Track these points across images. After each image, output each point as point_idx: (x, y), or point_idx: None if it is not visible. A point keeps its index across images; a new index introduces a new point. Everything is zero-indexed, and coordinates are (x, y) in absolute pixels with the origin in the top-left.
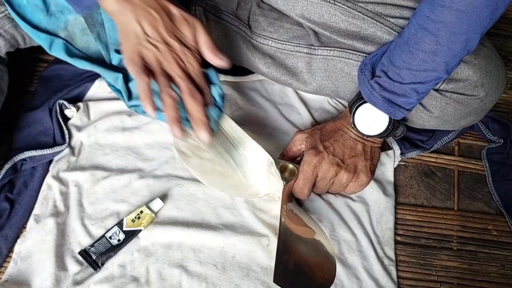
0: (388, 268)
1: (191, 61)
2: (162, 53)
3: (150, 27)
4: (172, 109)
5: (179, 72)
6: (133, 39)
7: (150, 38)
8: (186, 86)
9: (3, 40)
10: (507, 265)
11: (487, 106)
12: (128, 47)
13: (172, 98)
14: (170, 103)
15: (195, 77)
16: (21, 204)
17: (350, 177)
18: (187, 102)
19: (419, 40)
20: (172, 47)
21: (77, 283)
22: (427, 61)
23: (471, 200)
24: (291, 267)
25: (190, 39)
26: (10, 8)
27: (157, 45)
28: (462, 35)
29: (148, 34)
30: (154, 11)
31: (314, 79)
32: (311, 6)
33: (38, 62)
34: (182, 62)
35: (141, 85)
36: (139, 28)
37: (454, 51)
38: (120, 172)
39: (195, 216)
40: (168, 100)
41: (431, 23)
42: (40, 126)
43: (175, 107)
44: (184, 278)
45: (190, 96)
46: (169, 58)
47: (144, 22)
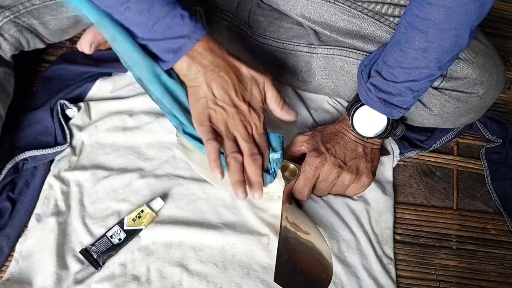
0: (387, 267)
1: (256, 121)
2: (230, 115)
3: (220, 90)
4: (237, 173)
5: (244, 135)
6: (202, 101)
7: (218, 100)
8: (249, 148)
9: (8, 44)
10: (506, 264)
11: (486, 104)
12: (197, 108)
13: (238, 162)
14: (236, 167)
15: (258, 139)
16: (22, 204)
17: (353, 179)
18: (247, 164)
19: (409, 38)
20: (240, 109)
21: (78, 282)
22: (418, 58)
23: (470, 200)
24: (291, 266)
25: (258, 99)
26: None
27: (225, 107)
28: (451, 31)
29: (217, 97)
30: (223, 72)
31: (314, 78)
32: (311, 6)
33: (39, 62)
34: (248, 124)
35: (210, 151)
36: (207, 89)
37: (444, 47)
38: (121, 171)
39: (196, 215)
40: (234, 164)
41: (420, 21)
42: (42, 126)
43: (240, 171)
44: (185, 277)
45: (252, 159)
46: (237, 121)
47: (215, 85)
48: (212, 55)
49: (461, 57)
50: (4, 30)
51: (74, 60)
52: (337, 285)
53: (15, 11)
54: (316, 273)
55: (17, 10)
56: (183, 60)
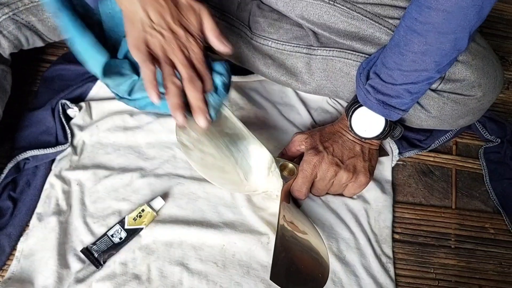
0: (386, 266)
1: (194, 48)
2: (167, 40)
3: (156, 14)
4: (176, 96)
5: (182, 59)
6: (138, 26)
7: (155, 25)
8: (187, 73)
9: (7, 41)
10: (504, 263)
11: (484, 106)
12: (134, 34)
13: (176, 86)
14: (173, 90)
15: (197, 63)
16: (24, 203)
17: (350, 177)
18: (186, 88)
19: (409, 41)
20: (177, 34)
21: (79, 280)
22: (417, 61)
23: (469, 199)
24: (287, 265)
25: (195, 26)
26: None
27: (162, 32)
28: (451, 35)
29: (153, 21)
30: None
31: (313, 79)
32: (311, 7)
33: (40, 62)
34: (185, 49)
35: (146, 73)
36: (145, 15)
37: (443, 50)
38: (122, 171)
39: (196, 215)
40: (171, 87)
41: (419, 24)
42: (43, 126)
43: (178, 94)
44: (185, 275)
45: (190, 82)
46: (174, 45)
47: (150, 9)
48: None
49: (459, 60)
50: (2, 27)
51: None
52: (336, 284)
53: (13, 8)
54: (312, 272)
55: (16, 7)
56: None
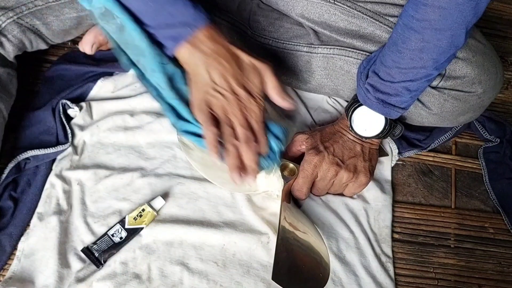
0: (385, 265)
1: (255, 109)
2: (228, 101)
3: (219, 76)
4: (234, 158)
5: (241, 120)
6: (202, 87)
7: (218, 87)
8: (244, 133)
9: (11, 45)
10: (504, 262)
11: (484, 103)
12: (197, 95)
13: (235, 147)
14: (233, 152)
15: (255, 125)
16: (24, 203)
17: (350, 177)
18: (242, 148)
19: (406, 39)
20: (238, 95)
21: (80, 280)
22: (415, 59)
23: (468, 198)
24: (289, 265)
25: (257, 87)
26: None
27: (224, 93)
28: (447, 31)
29: (216, 83)
30: (223, 60)
31: (314, 77)
32: (311, 6)
33: (41, 62)
34: (246, 110)
35: (208, 135)
36: (208, 77)
37: (441, 47)
38: (122, 170)
39: (196, 214)
40: (231, 150)
41: (416, 21)
42: (44, 126)
43: (237, 156)
44: (186, 275)
45: (246, 144)
46: (234, 107)
47: (213, 71)
48: (213, 43)
49: (460, 57)
50: (7, 30)
51: (75, 60)
52: (336, 283)
53: (18, 12)
54: (313, 272)
55: (20, 11)
56: (185, 47)
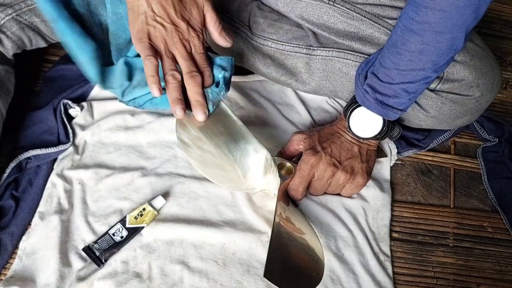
0: (384, 264)
1: (196, 41)
2: (169, 32)
3: (159, 6)
4: (176, 90)
5: (182, 52)
6: (142, 18)
7: (158, 17)
8: (187, 66)
9: (10, 42)
10: (502, 261)
11: (482, 106)
12: (137, 25)
13: (176, 80)
14: (174, 84)
15: (198, 57)
16: (26, 202)
17: (347, 178)
18: (186, 82)
19: (406, 41)
20: (178, 27)
21: (81, 279)
22: (414, 60)
23: (467, 198)
24: (282, 263)
25: (198, 20)
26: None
27: (164, 24)
28: (447, 34)
29: (156, 13)
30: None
31: (313, 79)
32: (311, 8)
33: (42, 62)
34: (187, 42)
35: (148, 66)
36: (148, 7)
37: (440, 50)
38: (123, 170)
39: (196, 213)
40: (172, 81)
41: (416, 24)
42: (45, 125)
43: (178, 88)
44: (186, 274)
45: (190, 76)
46: (175, 38)
47: (154, 1)
48: None
49: (458, 60)
50: (6, 27)
51: None
52: (334, 282)
53: (17, 9)
54: (307, 270)
55: (19, 8)
56: None
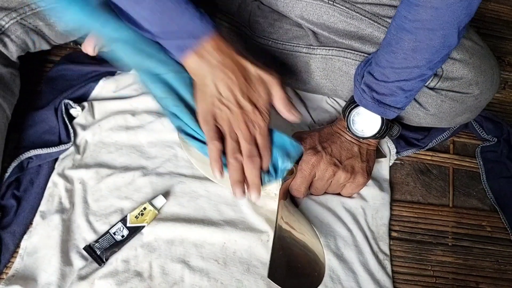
0: (383, 263)
1: (261, 123)
2: (234, 115)
3: (225, 88)
4: (237, 173)
5: (246, 135)
6: (208, 98)
7: (224, 99)
8: (248, 149)
9: (14, 45)
10: (501, 260)
11: (481, 104)
12: (203, 106)
13: (238, 163)
14: (235, 167)
15: (260, 140)
16: (27, 201)
17: (348, 177)
18: (245, 163)
19: (399, 39)
20: (244, 109)
21: (82, 278)
22: (408, 58)
23: (466, 197)
24: (284, 263)
25: (264, 99)
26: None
27: (230, 106)
28: (439, 31)
29: (222, 95)
30: (230, 72)
31: (313, 78)
32: (310, 7)
33: (44, 63)
34: (251, 123)
35: (212, 150)
36: (214, 88)
37: (433, 47)
38: (124, 169)
39: (197, 213)
40: (233, 164)
41: (408, 22)
42: (46, 125)
43: (239, 171)
44: (186, 273)
45: (249, 159)
46: (240, 121)
47: (220, 83)
48: (220, 54)
49: (457, 58)
50: (10, 31)
51: (78, 60)
52: (334, 281)
53: (21, 13)
54: (309, 270)
55: (23, 12)
56: (192, 58)
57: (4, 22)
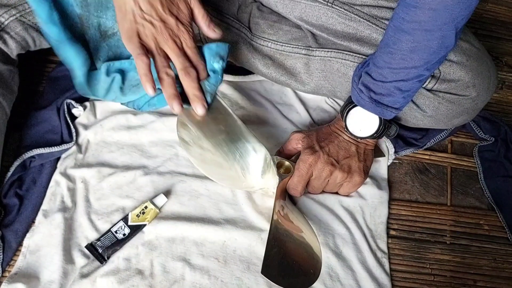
0: (381, 261)
1: (186, 36)
2: (158, 30)
3: (146, 3)
4: (171, 86)
5: (174, 49)
6: (130, 17)
7: (146, 15)
8: (180, 62)
9: (14, 42)
10: (499, 258)
11: (478, 106)
12: (126, 25)
13: (170, 76)
14: (168, 81)
15: (190, 52)
16: (30, 200)
17: (345, 177)
18: (181, 78)
19: (397, 40)
20: (167, 23)
21: (84, 275)
22: (405, 59)
23: (464, 196)
24: (279, 260)
25: (186, 14)
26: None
27: (153, 22)
28: (437, 32)
29: (144, 10)
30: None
31: (312, 79)
32: (309, 9)
33: (46, 63)
34: (177, 38)
35: (140, 66)
36: (135, 5)
37: (431, 48)
38: (126, 169)
39: (198, 211)
40: (166, 78)
41: (406, 23)
42: (48, 125)
43: (173, 84)
44: (187, 271)
45: (185, 72)
46: (165, 35)
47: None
48: None
49: (454, 60)
50: (10, 28)
51: None
52: (333, 278)
53: (21, 10)
54: (304, 268)
55: (23, 9)
56: None
57: (4, 19)
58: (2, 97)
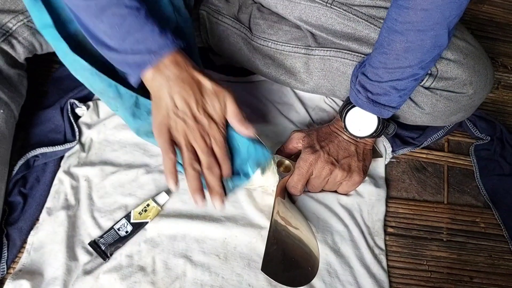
0: (378, 257)
1: (216, 135)
2: (190, 127)
3: (181, 101)
4: (196, 180)
5: (203, 147)
6: (163, 112)
7: (179, 112)
8: (206, 162)
9: (22, 47)
10: (494, 255)
11: (475, 103)
12: (158, 118)
13: (196, 171)
14: (193, 174)
15: (217, 150)
16: (34, 198)
17: (344, 176)
18: (205, 174)
19: (391, 41)
20: (199, 122)
21: (87, 272)
22: (400, 59)
23: (460, 194)
24: (278, 257)
25: (219, 113)
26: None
27: (186, 119)
28: (430, 32)
29: (178, 107)
30: (187, 85)
31: (312, 78)
32: (309, 10)
33: (51, 63)
34: (207, 136)
35: (166, 162)
36: (169, 101)
37: (424, 47)
38: (128, 167)
39: (199, 209)
40: (190, 172)
41: (399, 24)
42: (52, 124)
43: (197, 178)
44: (189, 267)
45: (208, 169)
46: (196, 133)
47: (176, 96)
48: (177, 68)
49: (452, 59)
50: (18, 33)
51: None
52: (331, 275)
53: (28, 15)
54: (303, 265)
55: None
56: (149, 72)
57: (12, 25)
58: (11, 100)
